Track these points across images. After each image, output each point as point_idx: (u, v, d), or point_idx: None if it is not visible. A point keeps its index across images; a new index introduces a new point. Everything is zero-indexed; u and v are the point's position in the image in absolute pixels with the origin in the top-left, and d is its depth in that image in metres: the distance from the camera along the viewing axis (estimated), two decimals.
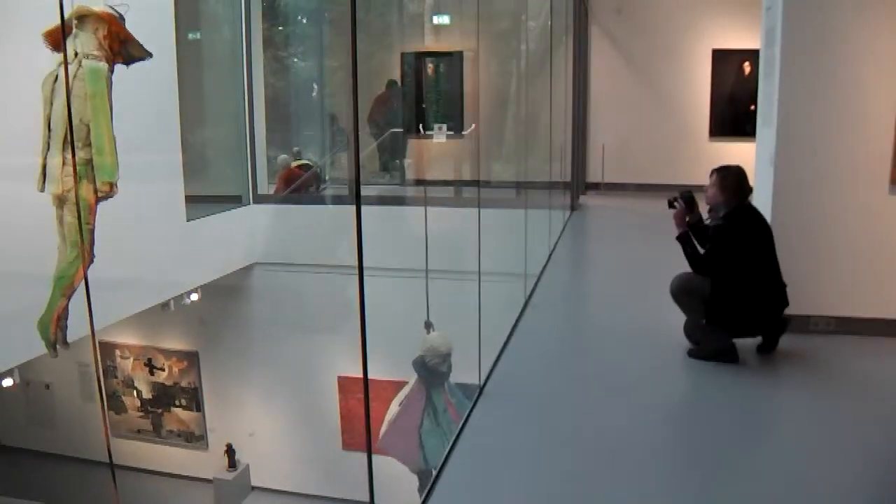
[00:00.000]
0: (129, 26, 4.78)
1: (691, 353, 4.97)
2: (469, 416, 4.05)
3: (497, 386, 4.55)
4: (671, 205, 5.08)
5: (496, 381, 4.63)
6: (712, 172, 5.08)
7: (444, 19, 11.71)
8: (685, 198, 5.07)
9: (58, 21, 4.27)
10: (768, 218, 5.18)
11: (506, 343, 5.28)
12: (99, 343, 10.59)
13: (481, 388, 4.43)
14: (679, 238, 5.03)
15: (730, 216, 4.89)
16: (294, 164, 11.80)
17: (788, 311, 5.00)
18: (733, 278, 4.77)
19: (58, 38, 4.45)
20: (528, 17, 9.59)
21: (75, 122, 4.46)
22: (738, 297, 4.77)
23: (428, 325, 6.85)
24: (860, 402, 4.43)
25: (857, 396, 4.51)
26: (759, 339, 5.04)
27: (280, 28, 13.43)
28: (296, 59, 13.97)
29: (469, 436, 3.89)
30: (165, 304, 8.12)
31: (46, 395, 11.03)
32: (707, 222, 5.09)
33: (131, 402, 10.93)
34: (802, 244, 5.30)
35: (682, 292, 4.96)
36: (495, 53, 8.64)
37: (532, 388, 4.66)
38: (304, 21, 14.09)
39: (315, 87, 13.50)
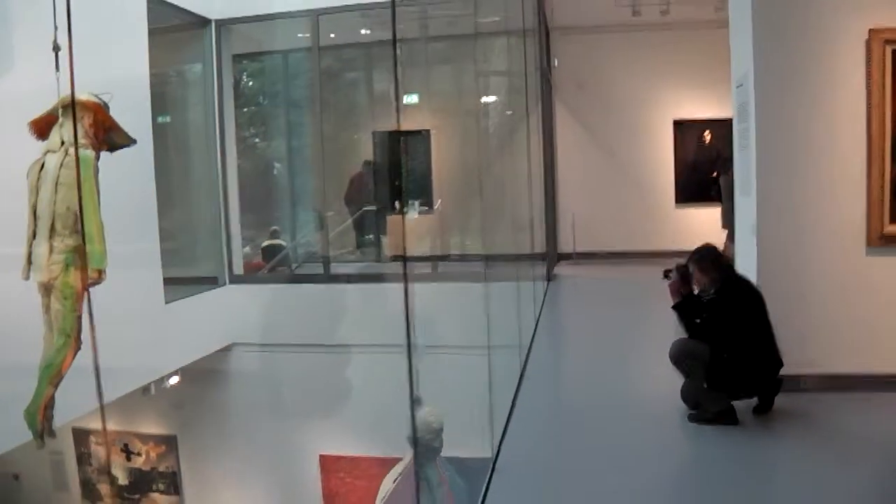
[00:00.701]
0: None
1: (692, 418, 5.07)
2: (486, 491, 4.04)
3: (508, 460, 4.58)
4: (666, 275, 5.21)
5: (505, 455, 4.65)
6: (688, 262, 5.23)
7: (413, 98, 11.95)
8: (680, 271, 5.19)
9: (42, 110, 4.30)
10: (755, 282, 5.31)
11: (509, 415, 5.29)
12: (73, 430, 10.35)
13: (494, 463, 4.42)
14: (675, 307, 5.18)
15: (722, 290, 5.07)
16: (266, 243, 11.84)
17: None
18: (732, 343, 4.89)
19: (43, 127, 4.46)
20: (506, 92, 9.83)
21: (62, 209, 4.43)
22: (738, 361, 4.88)
23: (416, 401, 6.80)
24: (854, 456, 4.55)
25: (850, 452, 4.63)
26: (754, 401, 5.14)
27: (244, 110, 13.58)
28: (257, 140, 14.10)
29: None
30: (146, 389, 8.02)
31: (16, 486, 10.69)
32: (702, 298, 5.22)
33: (106, 489, 10.63)
34: (789, 307, 5.44)
35: (683, 356, 5.06)
36: (475, 129, 8.90)
37: (542, 460, 4.71)
38: (266, 102, 14.27)
39: (278, 166, 13.62)
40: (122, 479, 10.54)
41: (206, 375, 9.61)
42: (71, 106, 4.60)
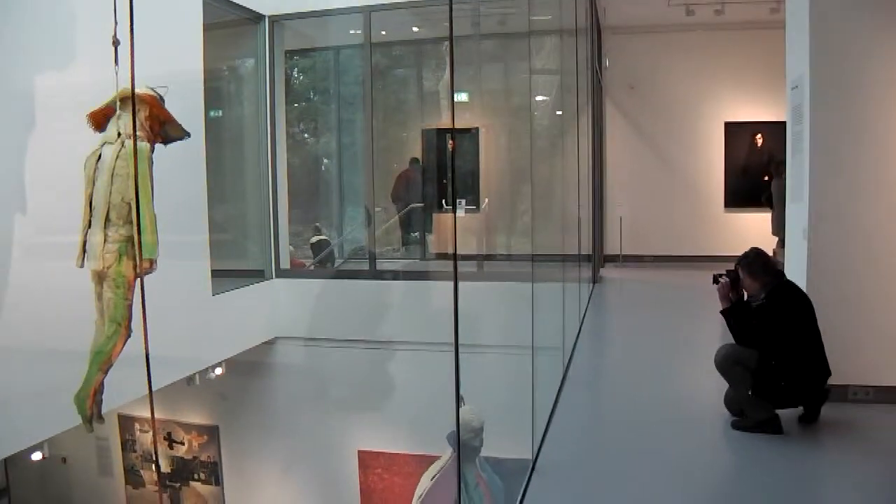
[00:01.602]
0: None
1: (735, 425, 5.01)
2: (525, 492, 4.04)
3: (547, 462, 4.57)
4: (716, 280, 5.15)
5: (545, 457, 4.64)
6: (735, 267, 5.17)
7: (463, 97, 11.96)
8: (730, 276, 5.13)
9: (100, 103, 4.38)
10: (804, 290, 5.23)
11: (550, 417, 5.28)
12: (118, 417, 10.56)
13: (533, 464, 4.42)
14: (723, 312, 5.11)
15: (771, 295, 4.99)
16: (315, 239, 11.97)
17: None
18: (780, 351, 4.83)
19: (100, 119, 4.53)
20: (557, 92, 9.79)
21: (117, 200, 4.50)
22: (785, 369, 4.81)
23: (457, 400, 6.80)
24: None
25: None
26: (800, 410, 5.07)
27: (295, 105, 13.71)
28: (307, 136, 14.23)
29: None
30: (190, 379, 8.15)
31: (62, 469, 10.93)
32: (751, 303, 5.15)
33: (149, 476, 10.83)
34: (838, 315, 5.34)
35: (729, 363, 5.00)
36: (524, 128, 8.90)
37: (582, 463, 4.69)
38: (316, 98, 14.39)
39: (326, 162, 13.73)
40: (164, 467, 10.75)
41: (249, 368, 9.73)
42: (129, 99, 4.68)
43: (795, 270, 5.70)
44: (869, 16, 5.43)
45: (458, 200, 11.41)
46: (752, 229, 11.75)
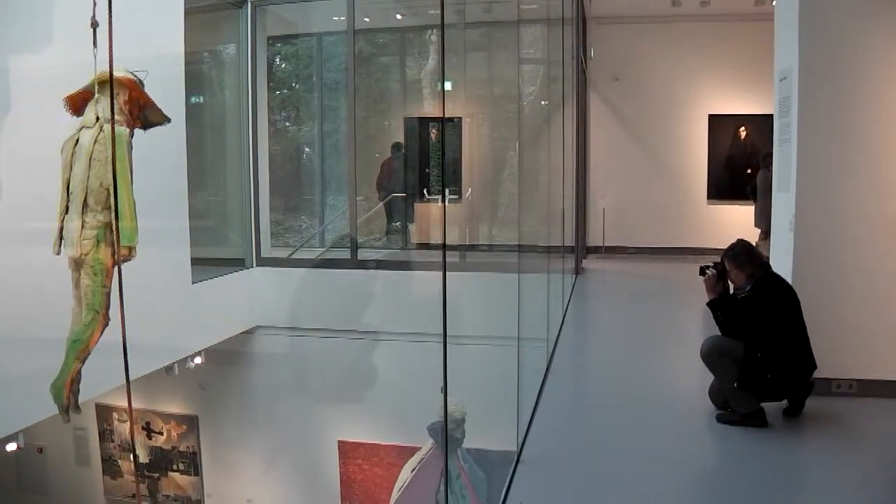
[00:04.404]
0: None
1: (720, 419, 5.00)
2: (510, 483, 4.00)
3: (533, 454, 4.54)
4: (703, 271, 5.12)
5: (530, 448, 4.61)
6: (721, 260, 5.15)
7: (447, 86, 11.88)
8: (717, 268, 5.10)
9: (77, 86, 4.27)
10: (789, 282, 5.21)
11: (534, 409, 5.25)
12: (96, 406, 10.44)
13: (518, 456, 4.39)
14: (710, 304, 5.10)
15: (757, 287, 4.97)
16: None
17: None
18: (766, 343, 4.81)
19: (78, 103, 4.42)
20: (541, 82, 9.74)
21: (95, 185, 4.38)
22: (771, 362, 4.80)
23: (444, 391, 6.75)
24: (884, 463, 4.49)
25: (881, 458, 4.56)
26: (784, 403, 5.07)
27: (277, 93, 13.58)
28: (288, 123, 14.09)
29: None
30: (169, 368, 8.04)
31: (39, 459, 10.80)
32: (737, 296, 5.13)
33: (127, 466, 10.72)
34: (823, 308, 5.34)
35: (715, 355, 4.98)
36: (508, 118, 8.84)
37: (567, 455, 4.67)
38: (298, 86, 14.25)
39: (308, 150, 13.62)
40: (143, 458, 10.64)
41: (229, 357, 9.65)
42: (107, 82, 4.55)
43: (781, 262, 5.69)
44: (859, 6, 5.41)
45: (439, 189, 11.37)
46: (734, 222, 11.79)
